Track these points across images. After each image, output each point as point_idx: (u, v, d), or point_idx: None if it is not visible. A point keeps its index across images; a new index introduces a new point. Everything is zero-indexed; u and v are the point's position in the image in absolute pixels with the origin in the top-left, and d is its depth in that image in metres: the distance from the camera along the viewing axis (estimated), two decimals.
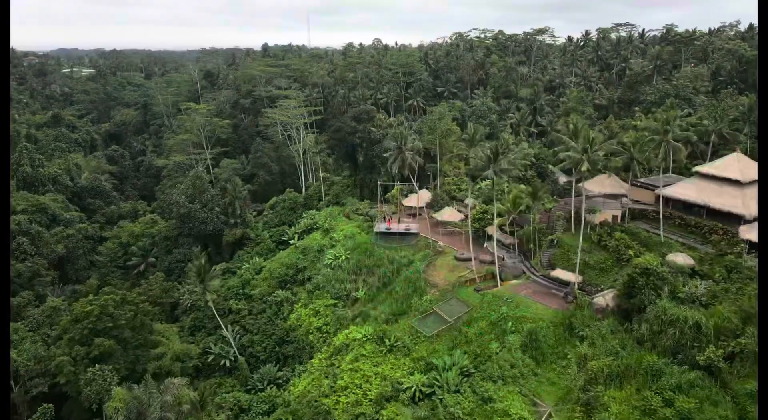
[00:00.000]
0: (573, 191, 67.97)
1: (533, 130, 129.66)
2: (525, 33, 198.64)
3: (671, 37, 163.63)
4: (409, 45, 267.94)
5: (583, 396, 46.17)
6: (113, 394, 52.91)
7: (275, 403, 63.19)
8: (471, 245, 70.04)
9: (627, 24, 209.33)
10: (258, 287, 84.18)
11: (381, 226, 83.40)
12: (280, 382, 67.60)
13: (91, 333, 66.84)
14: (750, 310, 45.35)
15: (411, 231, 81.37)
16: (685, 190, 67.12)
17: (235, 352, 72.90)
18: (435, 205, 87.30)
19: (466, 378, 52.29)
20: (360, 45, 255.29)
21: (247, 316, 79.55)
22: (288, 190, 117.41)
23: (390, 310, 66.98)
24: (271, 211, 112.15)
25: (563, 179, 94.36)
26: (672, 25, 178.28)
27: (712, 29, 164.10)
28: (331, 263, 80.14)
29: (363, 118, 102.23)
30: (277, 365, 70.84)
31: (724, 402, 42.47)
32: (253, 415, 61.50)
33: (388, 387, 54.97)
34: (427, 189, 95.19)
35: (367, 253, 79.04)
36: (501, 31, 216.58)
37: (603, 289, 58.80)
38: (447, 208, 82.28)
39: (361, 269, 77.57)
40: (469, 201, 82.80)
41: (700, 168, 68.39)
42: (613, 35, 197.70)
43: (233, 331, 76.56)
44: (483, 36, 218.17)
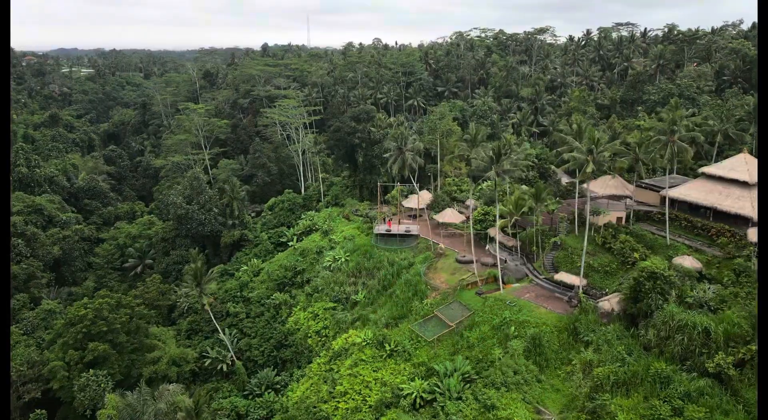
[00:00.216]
0: (576, 192, 66.65)
1: (535, 130, 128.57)
2: (526, 32, 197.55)
3: (673, 36, 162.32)
4: (409, 45, 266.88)
5: (589, 404, 44.85)
6: (106, 401, 51.72)
7: (273, 409, 62.34)
8: (473, 247, 68.70)
9: (628, 23, 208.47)
10: (256, 290, 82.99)
11: (381, 227, 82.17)
12: (278, 386, 66.72)
13: (86, 337, 65.96)
14: None
15: (411, 233, 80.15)
16: (691, 191, 65.68)
17: (233, 356, 71.80)
18: (436, 207, 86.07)
19: (468, 384, 51.03)
20: (360, 44, 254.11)
21: (245, 319, 78.46)
22: (287, 190, 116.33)
23: (390, 313, 65.61)
24: (270, 212, 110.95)
25: (566, 180, 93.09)
26: (673, 25, 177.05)
27: (714, 28, 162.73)
28: (330, 265, 78.98)
29: (363, 118, 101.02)
30: (275, 370, 69.94)
31: (735, 411, 41.17)
32: None
33: (388, 393, 53.86)
34: (428, 190, 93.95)
35: (367, 256, 77.86)
36: (502, 31, 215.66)
37: (608, 293, 57.47)
38: (448, 209, 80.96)
39: (361, 272, 76.45)
40: (471, 202, 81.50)
41: (706, 169, 66.90)
42: (615, 35, 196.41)
43: (231, 335, 75.47)
44: (484, 35, 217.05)
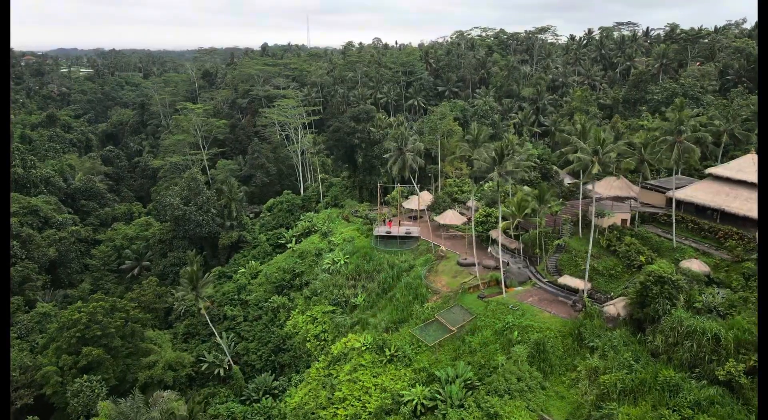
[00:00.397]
0: (581, 194, 65.34)
1: (536, 130, 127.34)
2: (527, 31, 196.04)
3: (676, 36, 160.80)
4: (409, 44, 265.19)
5: (595, 413, 43.55)
6: (99, 408, 50.40)
7: (271, 415, 61.09)
8: (474, 250, 67.34)
9: (629, 23, 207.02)
10: (254, 292, 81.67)
11: (381, 229, 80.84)
12: (275, 392, 65.42)
13: (79, 342, 64.83)
14: None
15: (412, 234, 78.83)
16: (698, 192, 64.27)
17: (230, 360, 70.47)
18: (436, 208, 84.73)
19: (470, 391, 49.68)
20: (360, 44, 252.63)
21: (243, 322, 77.16)
22: (286, 191, 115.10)
23: (390, 317, 64.30)
24: (269, 213, 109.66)
25: (568, 180, 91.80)
26: (675, 24, 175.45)
27: (718, 27, 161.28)
28: (330, 268, 77.66)
29: (362, 117, 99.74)
30: (273, 374, 68.63)
31: None
32: None
33: (388, 399, 52.55)
34: (429, 191, 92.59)
35: (367, 258, 76.53)
36: (502, 30, 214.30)
37: (613, 297, 56.11)
38: (449, 210, 79.64)
39: (360, 274, 75.12)
40: (472, 203, 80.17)
41: (713, 170, 65.47)
42: (616, 34, 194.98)
43: (228, 339, 74.21)
44: (484, 34, 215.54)
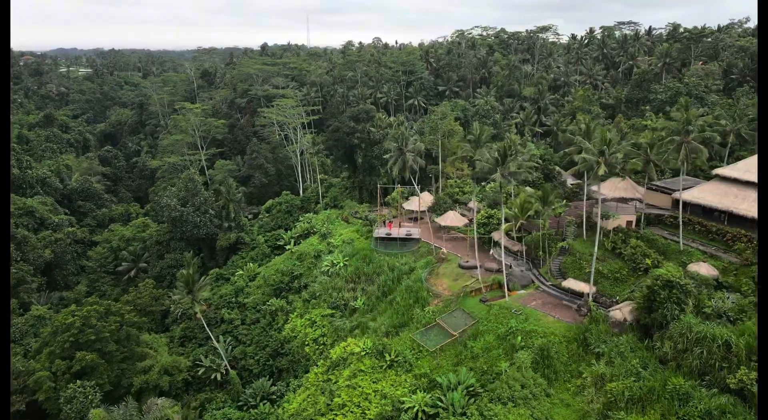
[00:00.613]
0: (585, 195, 63.95)
1: (538, 130, 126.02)
2: (528, 31, 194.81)
3: (679, 35, 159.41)
4: (410, 44, 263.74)
5: None
6: (90, 417, 49.03)
7: None
8: (476, 252, 65.99)
9: (630, 22, 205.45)
10: (252, 295, 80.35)
11: (381, 230, 79.48)
12: (273, 397, 64.05)
13: (73, 346, 63.53)
14: None
15: (412, 236, 77.42)
16: (705, 194, 62.85)
17: (227, 365, 69.11)
18: (437, 209, 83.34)
19: (472, 398, 48.36)
20: (360, 44, 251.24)
21: (240, 326, 75.84)
22: (285, 192, 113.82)
23: (390, 321, 62.93)
24: (267, 215, 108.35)
25: (571, 181, 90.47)
26: (677, 24, 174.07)
27: (721, 26, 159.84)
28: (329, 270, 76.30)
29: (362, 117, 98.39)
30: (271, 379, 67.26)
31: None
32: None
33: (388, 406, 51.35)
34: (429, 192, 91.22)
35: (366, 260, 75.18)
36: (503, 29, 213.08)
37: (619, 301, 54.74)
38: (450, 212, 78.26)
39: (360, 277, 73.75)
40: (473, 204, 78.80)
41: (720, 170, 64.02)
42: (618, 33, 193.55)
43: (225, 342, 72.87)
44: (485, 34, 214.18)
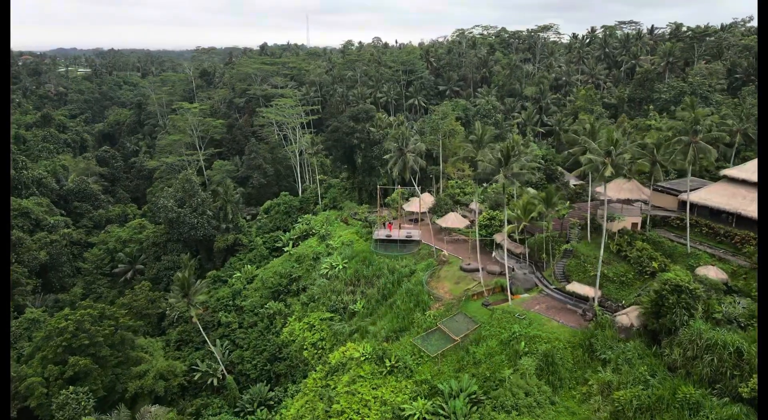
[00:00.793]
0: (589, 196, 62.57)
1: (540, 130, 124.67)
2: (529, 30, 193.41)
3: (681, 34, 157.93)
4: (410, 43, 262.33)
5: None
6: None
7: None
8: (478, 254, 64.59)
9: (631, 22, 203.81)
10: (249, 298, 78.97)
11: (381, 232, 78.07)
12: (271, 403, 62.83)
13: (66, 351, 62.31)
14: None
15: (413, 238, 76.01)
16: (712, 195, 61.41)
17: (223, 369, 67.71)
18: (438, 210, 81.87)
19: (475, 406, 47.00)
20: (359, 43, 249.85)
21: (238, 329, 74.47)
22: (283, 193, 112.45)
23: (390, 325, 61.55)
24: (265, 216, 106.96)
25: (573, 182, 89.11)
26: (679, 23, 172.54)
27: (724, 25, 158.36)
28: (328, 273, 74.95)
29: (362, 117, 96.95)
30: (269, 385, 65.99)
31: None
32: None
33: (388, 413, 49.99)
34: (430, 193, 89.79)
35: (366, 262, 73.79)
36: (504, 28, 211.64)
37: (625, 306, 53.32)
38: (451, 213, 76.82)
39: (359, 280, 72.41)
40: (475, 206, 77.41)
41: (728, 171, 62.58)
42: (619, 32, 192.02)
43: (222, 347, 71.50)
44: (486, 33, 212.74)
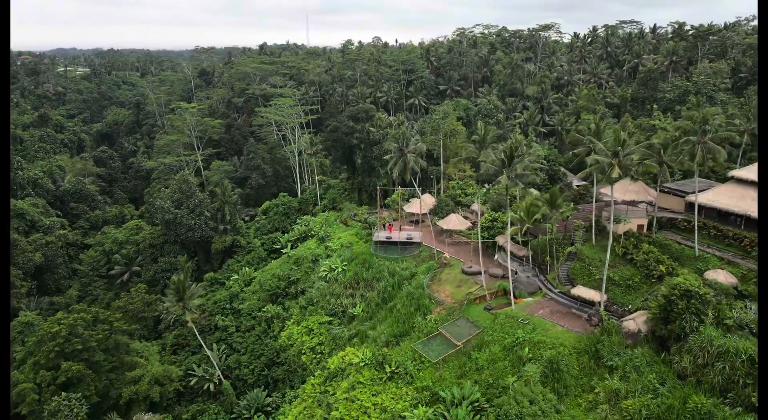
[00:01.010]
0: (594, 198, 61.17)
1: (542, 129, 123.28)
2: (530, 29, 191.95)
3: (684, 33, 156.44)
4: (410, 43, 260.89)
5: None
6: None
7: None
8: (480, 257, 63.18)
9: (632, 21, 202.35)
10: (247, 301, 77.61)
11: (381, 234, 76.69)
12: (268, 409, 61.44)
13: (59, 356, 60.87)
14: None
15: (413, 240, 74.60)
16: (720, 197, 59.92)
17: (220, 374, 66.29)
18: (439, 212, 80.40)
19: (478, 415, 45.55)
20: (359, 43, 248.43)
21: (235, 333, 73.14)
22: (282, 193, 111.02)
23: (390, 330, 60.16)
24: (264, 217, 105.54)
25: (576, 183, 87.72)
26: (681, 22, 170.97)
27: (728, 24, 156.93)
28: (326, 275, 73.57)
29: (361, 117, 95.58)
30: (266, 390, 64.55)
31: None
32: None
33: None
34: (431, 194, 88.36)
35: (366, 265, 72.40)
36: (505, 28, 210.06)
37: (632, 311, 51.91)
38: (452, 215, 75.38)
39: (359, 282, 71.01)
40: (477, 207, 75.99)
41: (736, 172, 61.08)
42: (621, 32, 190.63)
43: (219, 351, 70.14)
44: (487, 32, 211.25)
